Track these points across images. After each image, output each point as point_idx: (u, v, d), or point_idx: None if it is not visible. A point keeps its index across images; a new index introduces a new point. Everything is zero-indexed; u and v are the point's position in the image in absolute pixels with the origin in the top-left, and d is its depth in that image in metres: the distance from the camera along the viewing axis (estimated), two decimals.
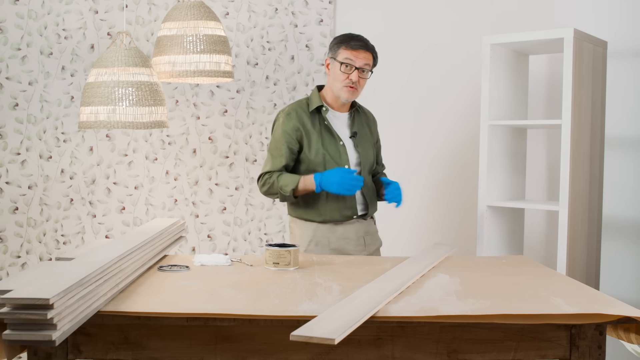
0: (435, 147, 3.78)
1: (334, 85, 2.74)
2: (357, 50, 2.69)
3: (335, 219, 2.74)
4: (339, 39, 2.75)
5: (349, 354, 1.77)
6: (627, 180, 3.35)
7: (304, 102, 2.82)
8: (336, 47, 2.73)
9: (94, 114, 2.67)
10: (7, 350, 1.59)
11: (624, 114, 3.36)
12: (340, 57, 2.70)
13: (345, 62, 2.68)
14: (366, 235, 2.82)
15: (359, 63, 2.69)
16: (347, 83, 2.70)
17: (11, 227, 3.35)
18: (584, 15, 3.46)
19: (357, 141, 2.80)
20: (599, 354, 1.79)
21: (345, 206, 2.74)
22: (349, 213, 2.75)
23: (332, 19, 3.66)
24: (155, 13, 3.49)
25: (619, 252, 3.39)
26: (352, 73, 2.69)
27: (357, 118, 2.85)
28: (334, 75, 2.73)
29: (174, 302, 1.81)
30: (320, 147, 2.72)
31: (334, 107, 2.80)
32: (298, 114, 2.75)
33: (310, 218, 2.75)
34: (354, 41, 2.71)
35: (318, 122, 2.76)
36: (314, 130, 2.74)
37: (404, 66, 3.74)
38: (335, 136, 2.75)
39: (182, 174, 3.54)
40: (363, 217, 2.80)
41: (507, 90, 3.26)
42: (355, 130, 2.81)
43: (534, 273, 2.24)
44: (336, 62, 2.71)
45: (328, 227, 2.74)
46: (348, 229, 2.77)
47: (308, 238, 2.74)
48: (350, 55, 2.69)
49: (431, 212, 3.78)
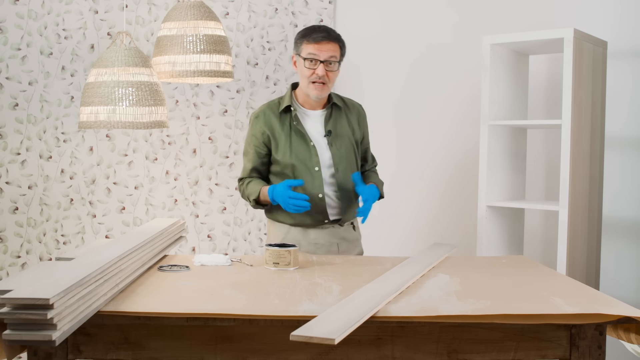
0: (435, 147, 3.78)
1: (302, 83, 2.62)
2: (320, 43, 2.55)
3: (306, 223, 2.66)
4: (300, 33, 2.62)
5: (349, 354, 1.77)
6: (627, 180, 3.35)
7: (276, 102, 2.72)
8: (299, 42, 2.61)
9: (94, 114, 2.67)
10: (7, 350, 1.59)
11: (624, 114, 3.36)
12: (303, 53, 2.58)
13: (309, 57, 2.56)
14: (341, 242, 2.71)
15: (323, 56, 2.55)
16: (314, 79, 2.57)
17: (11, 227, 3.35)
18: (584, 15, 3.46)
19: (331, 140, 2.66)
20: (599, 354, 1.79)
21: (315, 210, 2.63)
22: (320, 217, 2.65)
23: (332, 19, 3.66)
24: (155, 13, 3.49)
25: (619, 252, 3.39)
26: (318, 67, 2.55)
27: (334, 114, 2.71)
28: (301, 72, 2.61)
29: (174, 302, 1.81)
30: (288, 149, 2.62)
31: (306, 105, 2.68)
32: (266, 115, 2.67)
33: (282, 220, 2.68)
34: (316, 33, 2.57)
35: (288, 122, 2.65)
36: (282, 132, 2.64)
37: (404, 66, 3.74)
38: (305, 137, 2.64)
39: (182, 174, 3.54)
40: (339, 223, 2.70)
41: (507, 90, 3.26)
42: (330, 128, 2.67)
43: (534, 273, 2.24)
44: (300, 59, 2.59)
45: (300, 230, 2.67)
46: (320, 234, 2.68)
47: (279, 239, 2.69)
48: (313, 49, 2.55)
49: (431, 212, 3.78)
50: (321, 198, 2.63)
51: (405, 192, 3.76)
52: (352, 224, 2.76)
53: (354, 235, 2.77)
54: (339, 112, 2.72)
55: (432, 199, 3.78)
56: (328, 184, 2.66)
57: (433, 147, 3.78)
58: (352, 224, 2.76)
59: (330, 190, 2.67)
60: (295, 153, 2.63)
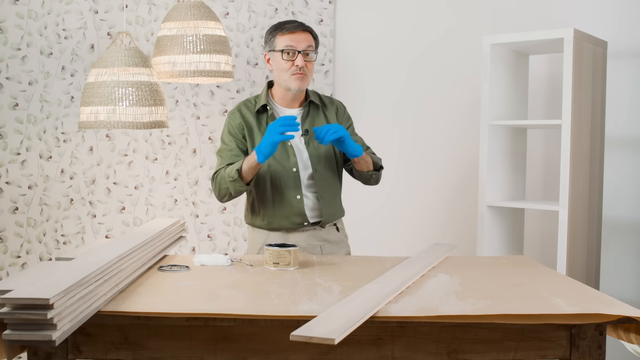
0: (435, 147, 3.78)
1: (281, 77, 2.53)
2: (295, 33, 2.50)
3: (284, 227, 2.58)
4: (271, 28, 2.57)
5: (349, 354, 1.77)
6: (627, 180, 3.35)
7: (252, 100, 2.65)
8: (271, 36, 2.55)
9: (94, 114, 2.67)
10: (7, 350, 1.59)
11: (624, 114, 3.36)
12: (279, 46, 2.51)
13: (287, 49, 2.49)
14: (324, 244, 2.63)
15: (301, 46, 2.49)
16: (294, 70, 2.49)
17: (11, 227, 3.35)
18: (584, 15, 3.46)
19: (308, 139, 2.58)
20: (599, 354, 1.79)
21: (293, 212, 2.55)
22: (299, 220, 2.57)
23: (332, 19, 3.66)
24: (155, 13, 3.49)
25: (619, 252, 3.39)
26: (297, 58, 2.49)
27: (312, 112, 2.63)
28: (278, 67, 2.53)
29: (174, 302, 1.81)
30: None
31: (283, 102, 2.61)
32: (242, 112, 2.60)
33: (260, 225, 2.61)
34: (288, 24, 2.52)
35: (265, 122, 2.58)
36: (259, 131, 2.57)
37: (404, 66, 3.74)
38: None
39: (182, 174, 3.54)
40: (320, 225, 2.62)
41: (507, 90, 3.26)
42: (307, 127, 2.59)
43: (534, 273, 2.24)
44: (276, 53, 2.52)
45: (279, 234, 2.59)
46: (301, 237, 2.59)
47: (258, 245, 2.62)
48: (289, 40, 2.49)
49: (431, 212, 3.78)
50: (299, 200, 2.56)
51: (405, 192, 3.76)
52: (335, 225, 2.68)
53: (338, 237, 2.68)
54: (316, 111, 2.65)
55: (432, 199, 3.78)
56: (306, 186, 2.59)
57: (433, 147, 3.78)
58: (335, 225, 2.68)
59: (309, 192, 2.59)
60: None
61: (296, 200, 2.56)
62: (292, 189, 2.56)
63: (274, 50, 2.54)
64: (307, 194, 2.59)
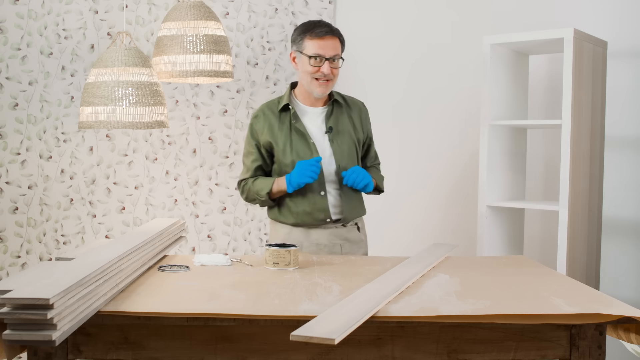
0: (435, 147, 3.78)
1: (305, 80, 2.58)
2: (324, 39, 2.53)
3: (307, 223, 2.63)
4: (300, 29, 2.58)
5: (349, 354, 1.77)
6: (627, 180, 3.35)
7: (275, 101, 2.70)
8: (299, 38, 2.57)
9: (94, 114, 2.67)
10: (7, 350, 1.59)
11: (624, 114, 3.36)
12: (308, 50, 2.54)
13: (315, 56, 2.52)
14: (344, 243, 2.68)
15: (329, 53, 2.53)
16: (318, 76, 2.55)
17: (11, 227, 3.35)
18: (584, 15, 3.46)
19: (332, 136, 2.64)
20: (599, 354, 1.79)
21: (316, 208, 2.61)
22: (322, 216, 2.62)
23: (332, 19, 3.66)
24: (155, 13, 3.49)
25: (619, 252, 3.39)
26: (323, 65, 2.53)
27: (335, 111, 2.69)
28: (304, 69, 2.57)
29: (174, 302, 1.81)
30: (289, 147, 2.60)
31: (307, 102, 2.66)
32: (266, 115, 2.66)
33: (283, 220, 2.66)
34: (318, 28, 2.54)
35: (288, 121, 2.64)
36: (282, 131, 2.62)
37: (404, 66, 3.74)
38: (305, 135, 2.61)
39: (182, 174, 3.54)
40: (342, 224, 2.67)
41: (507, 90, 3.26)
42: (331, 124, 2.65)
43: (534, 273, 2.24)
44: (303, 56, 2.56)
45: (301, 230, 2.65)
46: (322, 234, 2.65)
47: (280, 241, 2.66)
48: (318, 46, 2.52)
49: (431, 212, 3.78)
50: (323, 195, 2.62)
51: (405, 192, 3.76)
52: (356, 225, 2.73)
53: (359, 237, 2.73)
54: (340, 109, 2.70)
55: (432, 199, 3.78)
56: (330, 182, 2.64)
57: (433, 147, 3.78)
58: (356, 224, 2.73)
59: (332, 188, 2.64)
60: (296, 151, 2.60)
61: (320, 197, 2.62)
62: (316, 185, 2.61)
63: (302, 52, 2.57)
64: (330, 190, 2.65)
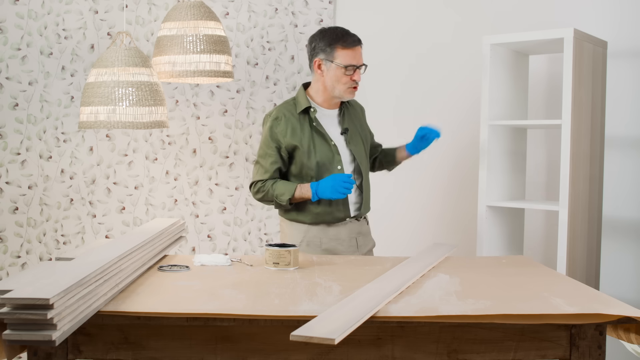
0: (435, 147, 3.77)
1: (336, 88, 2.66)
2: (354, 49, 2.63)
3: (327, 221, 2.69)
4: (329, 38, 2.64)
5: (349, 354, 1.77)
6: (627, 180, 3.36)
7: (291, 103, 2.74)
8: (330, 48, 2.64)
9: (94, 114, 2.67)
10: (7, 350, 1.59)
11: (624, 114, 3.36)
12: (341, 60, 2.62)
13: (350, 66, 2.62)
14: (359, 236, 2.77)
15: (360, 62, 2.65)
16: (351, 84, 2.65)
17: (11, 227, 3.35)
18: (584, 15, 3.46)
19: (348, 138, 2.73)
20: (599, 354, 1.79)
21: (337, 209, 2.69)
22: (341, 215, 2.70)
23: (332, 19, 3.66)
24: (155, 13, 3.49)
25: (619, 252, 3.39)
26: (355, 74, 2.64)
27: (347, 113, 2.79)
28: (334, 78, 2.65)
29: (174, 302, 1.81)
30: (312, 149, 2.66)
31: (325, 104, 2.73)
32: (286, 117, 2.68)
33: (302, 220, 2.70)
34: (348, 37, 2.63)
35: (308, 123, 2.69)
36: (304, 133, 2.67)
37: (404, 66, 3.74)
38: (326, 137, 2.68)
39: (182, 174, 3.54)
40: (356, 218, 2.76)
41: (507, 90, 3.26)
42: (346, 126, 2.75)
43: (534, 273, 2.24)
44: (335, 65, 2.63)
45: (320, 228, 2.70)
46: (340, 229, 2.72)
47: (299, 239, 2.69)
48: (351, 58, 2.62)
49: (431, 212, 3.78)
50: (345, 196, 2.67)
51: (405, 192, 3.76)
52: (365, 219, 2.84)
53: (368, 229, 2.84)
54: (349, 111, 2.81)
55: (432, 199, 3.78)
56: None
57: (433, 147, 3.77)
58: (365, 218, 2.84)
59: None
60: (319, 153, 2.66)
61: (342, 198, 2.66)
62: None
63: (332, 61, 2.63)
64: None
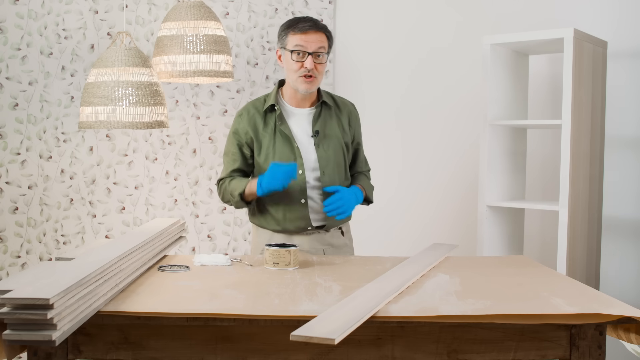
0: (436, 148, 3.78)
1: (290, 77, 2.49)
2: (307, 33, 2.43)
3: (289, 229, 2.55)
4: (285, 24, 2.50)
5: (349, 354, 1.77)
6: (627, 180, 3.36)
7: (262, 99, 2.60)
8: (284, 34, 2.48)
9: (94, 114, 2.67)
10: (7, 350, 1.59)
11: (624, 114, 3.36)
12: (290, 45, 2.45)
13: (296, 50, 2.43)
14: (328, 248, 2.60)
15: (311, 47, 2.43)
16: (302, 72, 2.44)
17: (11, 227, 3.35)
18: (584, 15, 3.46)
19: (318, 140, 2.53)
20: (599, 354, 1.79)
21: (297, 216, 2.52)
22: (302, 224, 2.54)
23: (332, 19, 3.66)
24: (155, 13, 3.49)
25: (619, 252, 3.39)
26: (306, 60, 2.43)
27: (324, 113, 2.58)
28: (287, 66, 2.48)
29: (174, 302, 1.81)
30: (271, 150, 2.51)
31: (293, 102, 2.56)
32: (250, 114, 2.55)
33: (266, 226, 2.58)
34: (301, 23, 2.45)
35: (273, 122, 2.53)
36: (266, 132, 2.53)
37: (404, 66, 3.74)
38: (289, 138, 2.51)
39: (182, 174, 3.54)
40: (322, 229, 2.58)
41: (507, 90, 3.26)
42: (318, 128, 2.54)
43: (534, 273, 2.24)
44: (286, 51, 2.47)
45: (283, 236, 2.57)
46: (304, 240, 2.56)
47: (261, 246, 2.58)
48: (300, 40, 2.43)
49: (431, 212, 3.78)
50: (303, 204, 2.52)
51: (405, 192, 3.76)
52: (340, 229, 2.65)
53: (343, 241, 2.65)
54: (329, 112, 2.59)
55: (432, 199, 3.78)
56: (312, 188, 2.54)
57: (433, 147, 3.78)
58: (340, 229, 2.65)
59: (315, 194, 2.54)
60: (279, 155, 2.51)
61: (300, 204, 2.53)
62: (296, 192, 2.51)
63: (285, 48, 2.49)
64: (312, 196, 2.54)
